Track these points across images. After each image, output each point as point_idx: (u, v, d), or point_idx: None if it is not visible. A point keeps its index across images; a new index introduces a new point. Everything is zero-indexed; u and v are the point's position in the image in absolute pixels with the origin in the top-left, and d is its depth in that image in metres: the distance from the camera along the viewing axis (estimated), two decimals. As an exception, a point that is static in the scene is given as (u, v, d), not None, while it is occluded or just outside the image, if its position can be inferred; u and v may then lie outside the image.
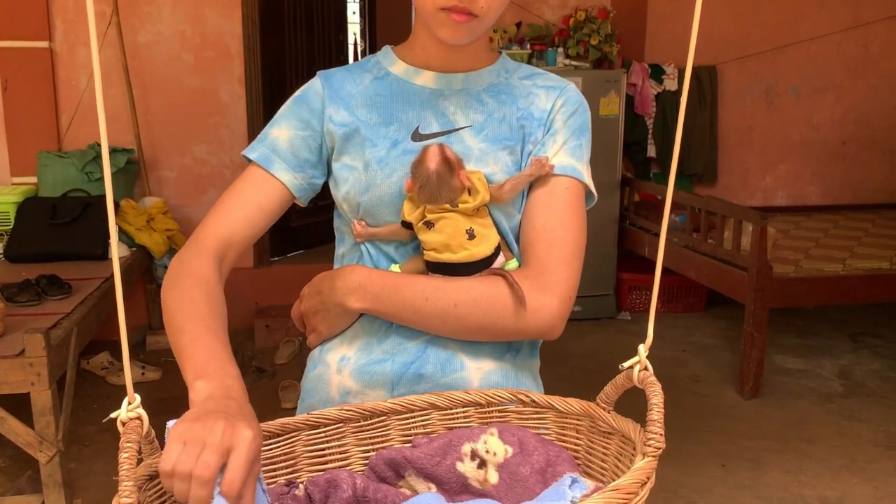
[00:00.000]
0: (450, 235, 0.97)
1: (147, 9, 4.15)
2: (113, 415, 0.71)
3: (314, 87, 1.08)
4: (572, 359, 3.99)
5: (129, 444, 0.67)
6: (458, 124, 1.04)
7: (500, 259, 1.01)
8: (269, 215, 1.05)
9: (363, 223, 1.04)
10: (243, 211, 1.03)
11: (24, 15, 4.01)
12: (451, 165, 0.96)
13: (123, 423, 0.70)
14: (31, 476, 2.66)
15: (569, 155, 1.04)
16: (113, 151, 3.96)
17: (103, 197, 3.75)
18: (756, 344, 3.52)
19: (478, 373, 1.02)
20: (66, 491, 2.42)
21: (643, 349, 0.78)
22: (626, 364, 0.80)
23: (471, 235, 0.98)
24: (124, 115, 4.11)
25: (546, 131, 1.06)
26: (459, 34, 0.96)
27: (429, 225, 0.98)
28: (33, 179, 3.98)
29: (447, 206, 0.96)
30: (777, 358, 4.04)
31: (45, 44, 4.05)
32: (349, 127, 1.04)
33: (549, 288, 0.99)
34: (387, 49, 1.11)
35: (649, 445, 0.71)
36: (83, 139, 4.08)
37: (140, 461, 0.73)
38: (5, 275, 3.17)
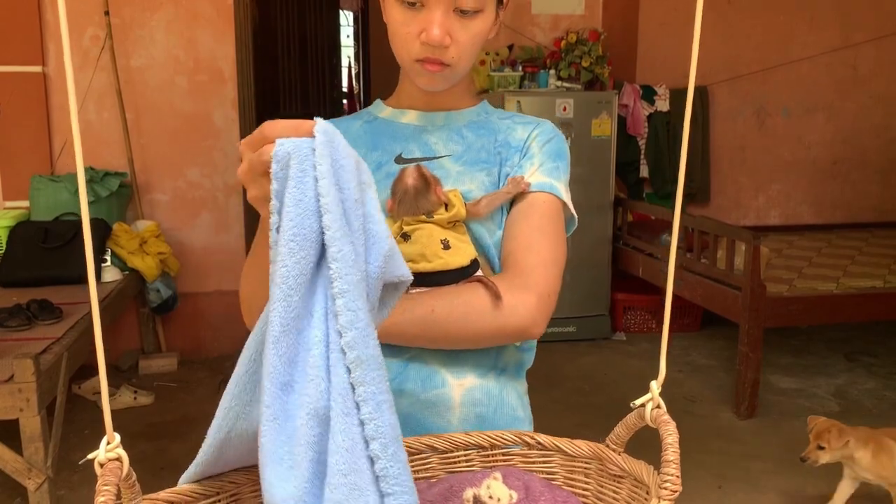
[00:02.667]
0: (424, 245, 0.99)
1: (140, 32, 4.17)
2: (90, 456, 0.66)
3: None
4: (567, 380, 3.98)
5: (105, 488, 0.62)
6: (439, 153, 1.09)
7: (480, 275, 1.02)
8: None
9: None
10: None
11: (18, 39, 4.02)
12: (427, 181, 0.99)
13: (101, 465, 0.66)
14: (20, 504, 2.62)
15: (545, 175, 1.08)
16: (105, 175, 3.96)
17: (95, 220, 3.74)
18: (751, 364, 3.51)
19: (460, 389, 1.02)
20: (56, 519, 2.39)
21: (655, 386, 0.74)
22: (638, 402, 0.76)
23: (446, 245, 1.00)
24: (117, 139, 4.12)
25: (522, 156, 1.10)
26: (435, 82, 1.04)
27: (405, 237, 1.00)
28: (25, 203, 3.97)
29: (423, 216, 0.99)
30: (772, 377, 4.03)
31: (38, 68, 4.06)
32: None
33: (527, 287, 1.00)
34: (378, 101, 1.19)
35: (665, 488, 0.67)
36: (75, 163, 4.07)
37: None
38: (-4, 299, 3.14)
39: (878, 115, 5.50)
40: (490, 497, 0.80)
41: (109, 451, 0.66)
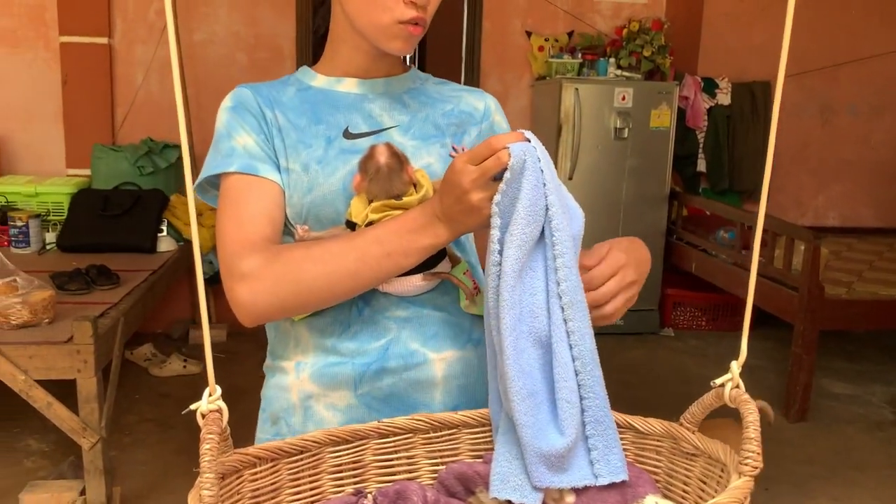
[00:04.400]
0: None
1: (204, 9, 4.22)
2: (193, 406, 0.71)
3: (243, 95, 1.06)
4: (613, 373, 3.91)
5: (210, 436, 0.67)
6: (385, 125, 1.06)
7: (446, 264, 1.01)
8: (283, 214, 1.02)
9: (306, 228, 1.01)
10: (265, 214, 1.00)
11: (86, 12, 4.11)
12: (399, 159, 0.95)
13: (204, 416, 0.70)
14: (73, 462, 2.70)
15: None
16: (164, 147, 4.04)
17: (153, 191, 3.82)
18: (804, 366, 3.43)
19: (441, 363, 1.02)
20: (107, 478, 2.45)
21: (735, 366, 0.76)
22: (718, 381, 0.77)
23: None
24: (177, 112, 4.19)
25: (489, 129, 1.12)
26: (409, 46, 1.03)
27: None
28: (87, 171, 4.07)
29: (392, 201, 0.95)
30: (825, 382, 3.93)
31: (104, 40, 4.15)
32: (283, 130, 1.04)
33: None
34: (304, 68, 1.12)
35: (746, 464, 0.68)
36: (136, 134, 4.16)
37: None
38: (57, 263, 3.24)
39: (951, 116, 5.29)
40: None
41: (211, 402, 0.70)
